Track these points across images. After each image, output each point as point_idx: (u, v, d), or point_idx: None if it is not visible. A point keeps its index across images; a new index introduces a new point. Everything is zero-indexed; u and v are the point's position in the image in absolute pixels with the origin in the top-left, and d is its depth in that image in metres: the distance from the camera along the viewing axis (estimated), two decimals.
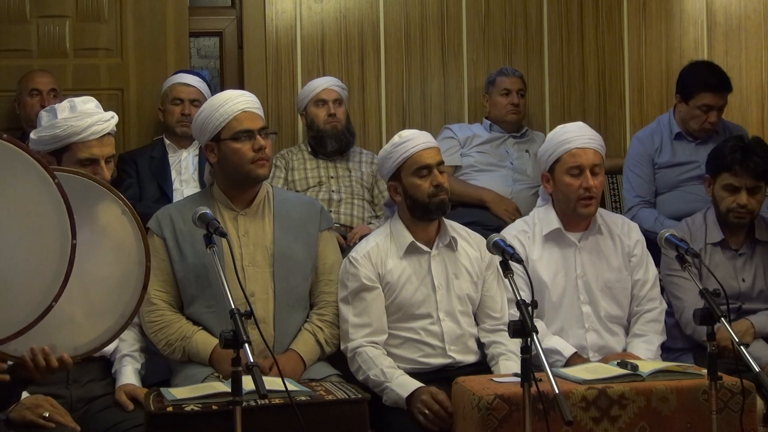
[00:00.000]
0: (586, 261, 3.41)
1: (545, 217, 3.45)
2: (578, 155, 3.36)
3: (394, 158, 3.26)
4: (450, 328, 3.27)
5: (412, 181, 3.25)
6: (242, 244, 3.20)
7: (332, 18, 4.92)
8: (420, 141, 3.26)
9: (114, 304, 2.54)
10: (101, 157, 3.01)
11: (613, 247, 3.44)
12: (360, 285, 3.23)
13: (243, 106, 3.18)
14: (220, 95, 3.25)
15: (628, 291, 3.43)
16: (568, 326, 3.37)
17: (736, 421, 2.82)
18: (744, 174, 3.54)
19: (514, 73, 4.80)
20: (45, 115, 3.05)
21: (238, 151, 3.16)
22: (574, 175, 3.36)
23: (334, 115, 4.46)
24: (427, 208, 3.24)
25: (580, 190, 3.34)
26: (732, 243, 3.65)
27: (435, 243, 3.31)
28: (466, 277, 3.31)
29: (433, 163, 3.25)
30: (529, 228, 3.47)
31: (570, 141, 3.38)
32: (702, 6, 5.11)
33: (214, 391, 2.76)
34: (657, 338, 3.37)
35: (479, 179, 4.60)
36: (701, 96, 4.20)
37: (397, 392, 3.07)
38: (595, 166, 3.36)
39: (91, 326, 2.51)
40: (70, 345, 2.46)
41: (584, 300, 3.39)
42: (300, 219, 3.30)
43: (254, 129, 3.17)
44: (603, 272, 3.41)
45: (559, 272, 3.40)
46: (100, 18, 4.69)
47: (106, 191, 2.58)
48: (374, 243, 3.30)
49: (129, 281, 2.57)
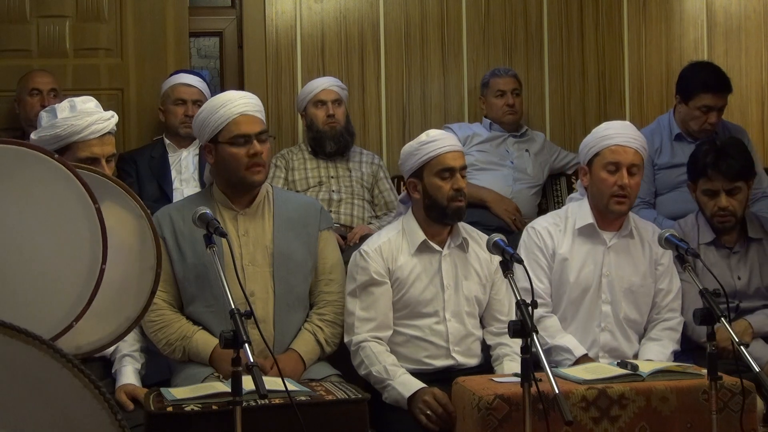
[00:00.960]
0: (614, 261, 3.41)
1: (579, 211, 3.46)
2: (618, 152, 3.36)
3: (419, 156, 3.25)
4: (455, 329, 3.27)
5: (433, 182, 3.24)
6: (242, 243, 3.20)
7: (332, 18, 4.92)
8: (447, 143, 3.26)
9: (114, 304, 2.54)
10: (102, 156, 3.02)
11: (642, 253, 3.44)
12: (369, 279, 3.22)
13: (242, 108, 3.16)
14: (221, 96, 3.23)
15: (650, 298, 3.43)
16: (584, 323, 3.38)
17: (736, 421, 2.82)
18: (718, 177, 3.54)
19: (507, 72, 4.79)
20: (45, 115, 3.06)
21: (234, 155, 3.15)
22: (611, 172, 3.36)
23: (333, 116, 4.46)
24: (444, 212, 3.25)
25: (615, 187, 3.35)
26: (725, 241, 3.65)
27: (447, 243, 3.31)
28: (475, 278, 3.32)
29: (457, 166, 3.25)
30: (561, 221, 3.47)
31: (612, 137, 3.38)
32: (702, 6, 5.11)
33: (214, 391, 2.76)
34: (671, 345, 3.37)
35: (479, 178, 4.60)
36: (701, 97, 4.20)
37: (398, 391, 3.07)
38: (633, 165, 3.36)
39: (91, 326, 2.51)
40: (69, 343, 2.46)
41: (605, 299, 3.39)
42: (300, 219, 3.30)
43: (251, 133, 3.15)
44: (629, 275, 3.41)
45: (585, 268, 3.40)
46: (100, 18, 4.69)
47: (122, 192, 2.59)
48: (386, 238, 3.30)
49: (131, 282, 2.57)
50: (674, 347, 3.38)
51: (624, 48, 5.15)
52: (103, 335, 2.54)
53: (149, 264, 2.60)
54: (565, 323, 3.38)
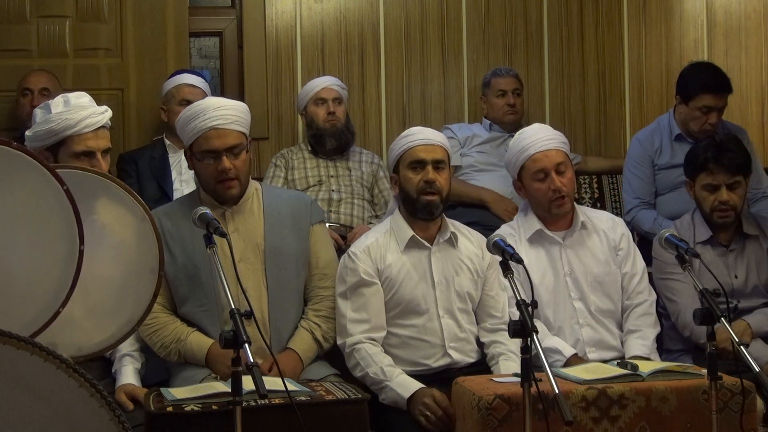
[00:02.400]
0: (573, 258, 3.41)
1: (525, 221, 3.47)
2: (539, 159, 3.37)
3: (396, 150, 3.30)
4: (449, 326, 3.26)
5: (405, 174, 3.27)
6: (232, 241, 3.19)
7: (332, 18, 4.92)
8: (421, 136, 3.27)
9: (115, 303, 2.55)
10: (97, 149, 3.03)
11: (599, 242, 3.44)
12: (359, 280, 3.22)
13: (213, 122, 3.10)
14: (195, 106, 3.17)
15: (618, 284, 3.43)
16: (563, 323, 3.38)
17: (736, 421, 2.82)
18: (720, 171, 3.56)
19: (509, 72, 4.80)
20: (39, 111, 3.07)
21: (204, 169, 3.15)
22: (541, 180, 3.37)
23: (334, 114, 4.46)
24: (414, 205, 3.24)
25: (550, 193, 3.36)
26: (721, 239, 3.66)
27: (436, 239, 3.31)
28: (466, 274, 3.31)
29: (428, 159, 3.24)
30: (515, 231, 3.48)
31: (528, 147, 3.39)
32: (702, 6, 5.11)
33: (214, 391, 2.76)
34: (651, 332, 3.37)
35: (479, 179, 4.60)
36: (701, 97, 4.20)
37: (397, 392, 3.06)
38: (559, 165, 3.36)
39: (91, 326, 2.51)
40: (70, 343, 2.46)
41: (575, 296, 3.39)
42: (290, 214, 3.28)
43: (220, 149, 3.10)
44: (591, 267, 3.41)
45: (547, 272, 3.40)
46: (100, 18, 4.69)
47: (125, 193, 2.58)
48: (374, 238, 3.30)
49: (131, 282, 2.57)
50: (654, 332, 3.37)
51: (624, 48, 5.15)
52: (105, 337, 2.54)
53: (150, 266, 2.59)
54: (548, 327, 3.37)
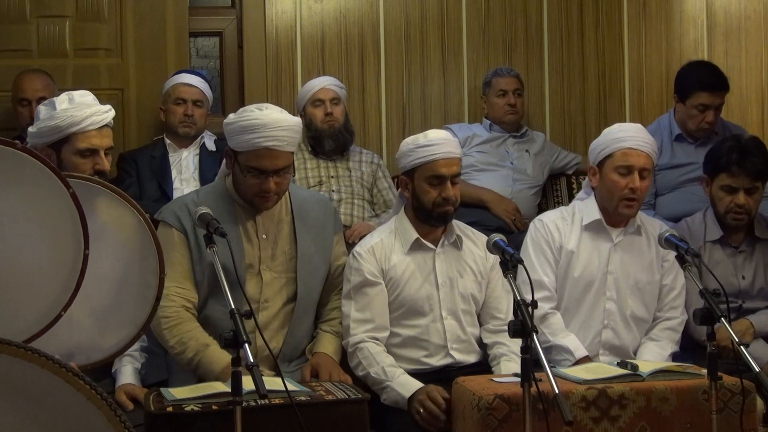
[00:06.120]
0: (620, 259, 3.41)
1: (586, 208, 3.46)
2: (630, 155, 3.36)
3: (413, 157, 3.24)
4: (452, 327, 3.27)
5: (422, 186, 3.24)
6: (261, 246, 3.16)
7: (332, 18, 4.92)
8: (442, 150, 3.22)
9: (114, 303, 2.55)
10: (101, 147, 3.04)
11: (649, 249, 3.44)
12: (363, 280, 3.22)
13: (270, 143, 3.00)
14: (256, 117, 3.03)
15: (656, 295, 3.44)
16: (585, 319, 3.39)
17: (736, 421, 2.82)
18: (741, 174, 3.54)
19: (510, 72, 4.80)
20: (43, 108, 3.07)
21: (246, 181, 3.08)
22: (623, 174, 3.36)
23: (331, 114, 4.45)
24: (429, 215, 3.25)
25: (626, 190, 3.35)
26: (732, 240, 3.66)
27: (441, 241, 3.31)
28: (470, 276, 3.32)
29: (448, 174, 3.22)
30: (568, 216, 3.48)
31: (625, 140, 3.38)
32: (702, 6, 5.11)
33: (214, 391, 2.76)
34: (670, 346, 3.38)
35: (479, 179, 4.60)
36: (697, 95, 4.21)
37: (398, 392, 3.07)
38: (644, 169, 3.37)
39: (92, 326, 2.51)
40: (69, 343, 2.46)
41: (610, 297, 3.40)
42: (317, 220, 3.27)
43: (269, 170, 3.03)
44: (636, 272, 3.41)
45: (590, 265, 3.40)
46: (100, 18, 4.69)
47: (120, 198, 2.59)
48: (378, 239, 3.30)
49: (132, 281, 2.58)
50: (673, 348, 3.38)
51: (624, 48, 5.15)
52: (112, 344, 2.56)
53: (152, 268, 2.59)
54: (567, 318, 3.38)
